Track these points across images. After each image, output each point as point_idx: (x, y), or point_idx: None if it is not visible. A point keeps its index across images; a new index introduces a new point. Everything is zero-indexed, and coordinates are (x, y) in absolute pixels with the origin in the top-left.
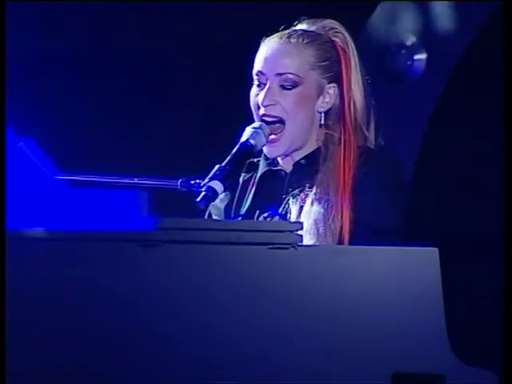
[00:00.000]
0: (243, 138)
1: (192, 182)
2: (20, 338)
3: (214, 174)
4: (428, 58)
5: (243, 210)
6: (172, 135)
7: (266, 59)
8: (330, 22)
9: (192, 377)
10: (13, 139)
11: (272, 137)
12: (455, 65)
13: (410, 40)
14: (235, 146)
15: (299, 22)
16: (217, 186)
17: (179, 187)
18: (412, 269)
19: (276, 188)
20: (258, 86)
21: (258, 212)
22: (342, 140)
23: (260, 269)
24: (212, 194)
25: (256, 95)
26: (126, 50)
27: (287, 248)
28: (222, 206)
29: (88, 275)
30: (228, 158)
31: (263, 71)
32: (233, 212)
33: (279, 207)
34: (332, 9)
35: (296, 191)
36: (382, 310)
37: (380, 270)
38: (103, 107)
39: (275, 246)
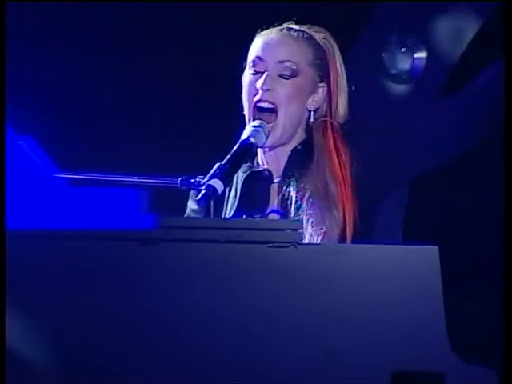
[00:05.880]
0: (243, 136)
1: (192, 180)
2: (20, 338)
3: (214, 173)
4: (428, 57)
5: (228, 215)
6: (172, 134)
7: (266, 47)
8: (317, 29)
9: (192, 376)
10: (13, 137)
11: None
12: (455, 63)
13: (410, 39)
14: (235, 144)
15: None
16: (217, 184)
17: (179, 186)
18: (412, 267)
19: (262, 189)
20: (254, 74)
21: (244, 217)
22: (332, 137)
23: (260, 267)
24: (212, 193)
25: (252, 82)
26: (126, 49)
27: (287, 246)
28: (200, 215)
29: (88, 273)
30: (228, 156)
31: (262, 57)
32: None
33: (270, 203)
34: (331, 8)
35: (293, 180)
36: (382, 308)
37: (380, 269)
38: (103, 106)
39: (275, 244)
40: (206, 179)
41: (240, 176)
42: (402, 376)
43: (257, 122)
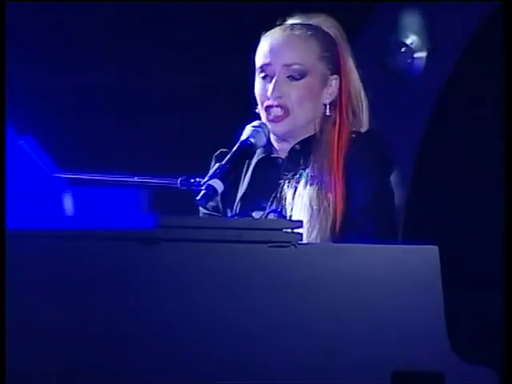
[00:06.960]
0: (243, 137)
1: (192, 180)
2: (20, 337)
3: (213, 173)
4: (428, 57)
5: (238, 197)
6: (172, 134)
7: (272, 51)
8: (323, 18)
9: (192, 376)
10: (13, 137)
11: (277, 114)
12: (455, 63)
13: (411, 38)
14: (235, 144)
15: (291, 18)
16: (217, 184)
17: (179, 186)
18: (412, 267)
19: (273, 175)
20: (264, 78)
21: (254, 209)
22: (338, 122)
23: (260, 267)
24: (212, 193)
25: (262, 88)
26: (127, 49)
27: (287, 246)
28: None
29: (88, 273)
30: (228, 156)
31: (269, 62)
32: (227, 200)
33: (275, 192)
34: (331, 8)
35: (290, 175)
36: (382, 308)
37: (380, 269)
38: (103, 105)
39: (275, 244)
40: (206, 179)
41: (255, 158)
42: (402, 376)
43: (257, 123)
